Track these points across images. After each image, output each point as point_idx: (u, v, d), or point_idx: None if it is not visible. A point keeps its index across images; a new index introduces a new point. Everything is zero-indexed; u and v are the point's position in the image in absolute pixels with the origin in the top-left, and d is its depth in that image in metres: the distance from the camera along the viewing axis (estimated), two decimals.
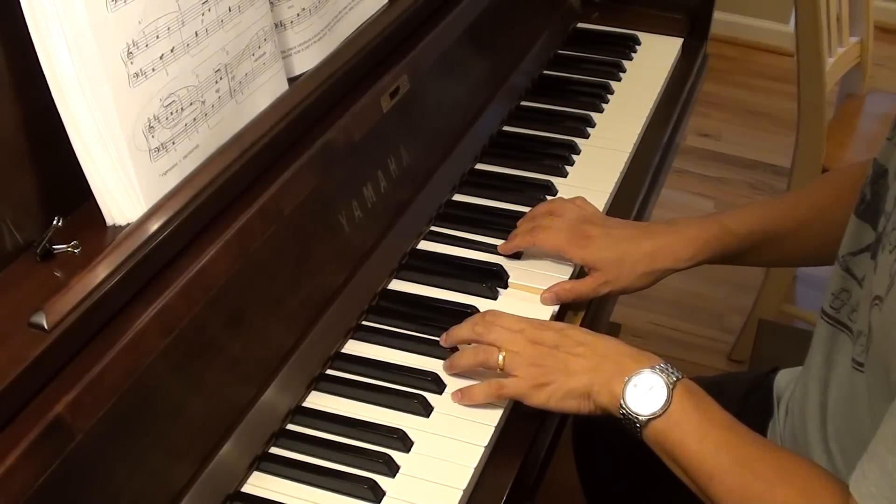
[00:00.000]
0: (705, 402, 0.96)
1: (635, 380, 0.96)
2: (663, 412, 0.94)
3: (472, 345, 1.05)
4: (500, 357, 1.01)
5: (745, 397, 1.27)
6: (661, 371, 0.96)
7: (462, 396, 1.03)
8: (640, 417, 0.95)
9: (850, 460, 0.92)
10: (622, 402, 0.96)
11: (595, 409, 0.99)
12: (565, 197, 1.28)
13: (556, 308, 1.16)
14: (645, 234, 1.18)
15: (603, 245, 1.16)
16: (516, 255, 1.22)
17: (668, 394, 0.94)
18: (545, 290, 1.16)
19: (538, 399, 1.00)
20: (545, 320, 1.09)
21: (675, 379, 0.95)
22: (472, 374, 1.05)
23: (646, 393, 0.95)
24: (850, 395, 0.99)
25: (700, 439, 0.93)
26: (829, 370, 1.05)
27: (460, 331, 1.07)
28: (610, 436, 1.32)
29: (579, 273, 1.21)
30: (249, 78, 1.02)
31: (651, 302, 2.43)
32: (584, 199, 1.25)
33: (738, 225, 1.18)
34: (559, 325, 1.06)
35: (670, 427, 0.94)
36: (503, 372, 1.02)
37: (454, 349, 1.07)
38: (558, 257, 1.20)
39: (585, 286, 1.16)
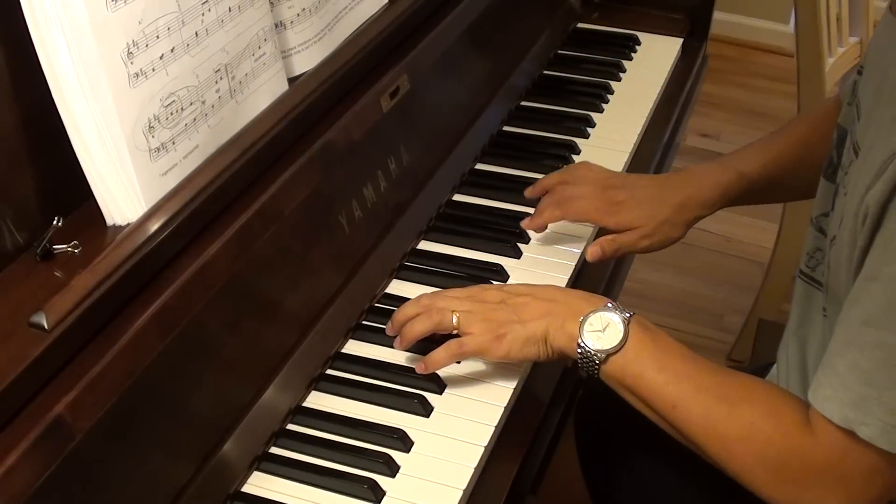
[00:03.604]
0: (660, 334, 0.99)
1: (591, 318, 0.98)
2: (621, 347, 0.96)
3: (422, 315, 1.04)
4: (454, 318, 1.02)
5: None
6: (614, 308, 0.98)
7: (425, 365, 1.03)
8: (599, 354, 0.96)
9: None
10: (580, 340, 0.98)
11: (552, 353, 1.01)
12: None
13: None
14: (669, 189, 1.22)
15: (633, 207, 1.20)
16: (517, 254, 1.23)
17: (625, 329, 0.97)
18: (591, 245, 1.19)
19: (500, 351, 1.01)
20: (484, 284, 1.12)
21: (628, 315, 0.98)
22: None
23: (602, 330, 0.97)
24: (824, 345, 1.00)
25: (660, 370, 0.95)
26: (807, 328, 1.08)
27: (406, 309, 1.06)
28: (612, 426, 1.33)
29: (581, 270, 1.22)
30: (249, 78, 1.02)
31: (651, 302, 2.43)
32: (587, 163, 1.29)
33: (749, 169, 1.23)
34: (498, 284, 1.11)
35: (629, 361, 0.96)
36: (458, 333, 1.02)
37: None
38: (590, 224, 1.24)
39: (627, 237, 1.19)
